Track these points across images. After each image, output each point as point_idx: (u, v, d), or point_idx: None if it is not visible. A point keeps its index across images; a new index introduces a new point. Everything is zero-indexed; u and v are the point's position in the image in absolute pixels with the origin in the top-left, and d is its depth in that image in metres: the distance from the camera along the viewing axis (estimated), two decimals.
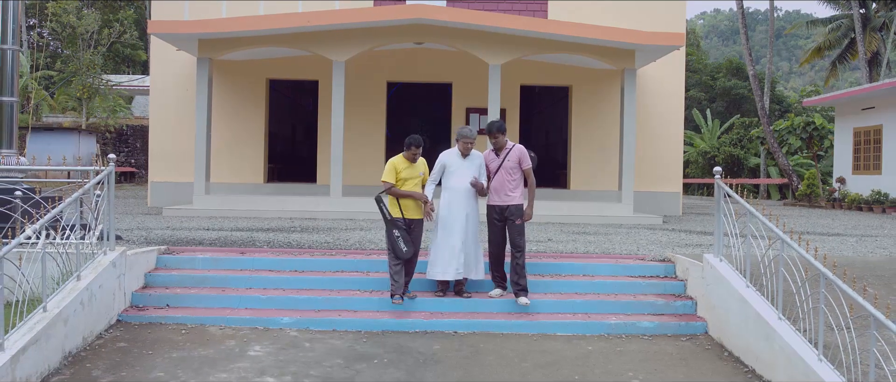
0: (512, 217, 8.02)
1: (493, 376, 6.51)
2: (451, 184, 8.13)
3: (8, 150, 9.41)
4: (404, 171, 8.02)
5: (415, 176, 8.07)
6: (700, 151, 38.33)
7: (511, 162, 8.07)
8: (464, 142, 8.12)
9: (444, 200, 8.12)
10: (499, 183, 8.09)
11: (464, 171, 8.11)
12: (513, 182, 8.06)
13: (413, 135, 8.08)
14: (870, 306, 5.17)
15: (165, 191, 17.94)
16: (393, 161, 8.10)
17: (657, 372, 6.71)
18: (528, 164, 8.11)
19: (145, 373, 6.33)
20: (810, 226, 15.16)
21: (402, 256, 7.84)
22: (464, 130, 8.15)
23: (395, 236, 7.84)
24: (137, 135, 31.94)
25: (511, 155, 8.09)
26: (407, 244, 7.83)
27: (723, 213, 7.89)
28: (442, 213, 8.09)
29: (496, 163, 8.14)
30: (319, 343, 7.28)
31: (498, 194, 8.10)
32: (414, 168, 8.10)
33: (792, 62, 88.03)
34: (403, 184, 8.01)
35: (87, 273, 7.19)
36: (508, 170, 8.07)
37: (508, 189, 8.05)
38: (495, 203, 8.13)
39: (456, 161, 8.17)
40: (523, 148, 8.17)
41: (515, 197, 8.05)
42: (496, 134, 8.14)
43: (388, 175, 8.01)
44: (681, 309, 8.30)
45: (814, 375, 5.67)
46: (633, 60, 15.59)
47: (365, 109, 18.35)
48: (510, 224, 8.04)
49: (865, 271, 8.53)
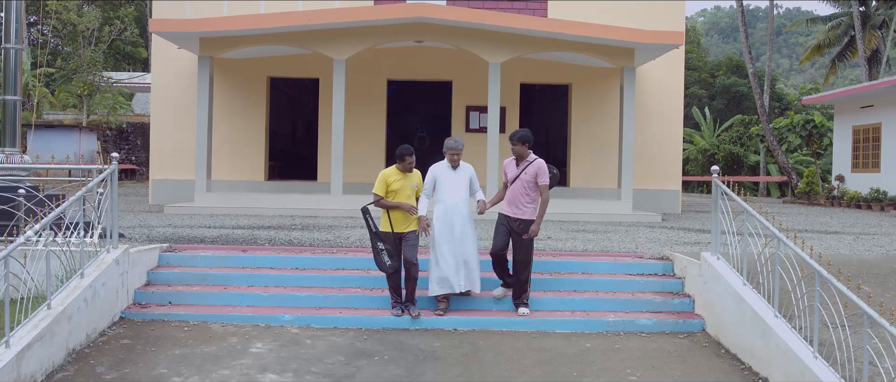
0: (519, 231, 7.90)
1: (493, 372, 6.59)
2: (443, 198, 8.00)
3: (11, 149, 9.48)
4: (396, 183, 7.83)
5: (407, 188, 7.88)
6: (700, 149, 38.40)
7: (528, 175, 7.90)
8: (451, 154, 8.00)
9: (437, 215, 7.99)
10: (513, 194, 7.97)
11: (455, 184, 8.01)
12: (527, 196, 7.92)
13: (403, 146, 7.94)
14: (864, 304, 5.25)
15: (167, 189, 18.01)
16: (384, 172, 7.93)
17: (655, 369, 6.78)
18: (544, 181, 7.93)
19: (149, 370, 6.40)
20: (808, 224, 15.23)
21: (385, 270, 7.76)
22: (450, 142, 8.04)
23: (379, 249, 7.72)
24: (138, 132, 32.02)
25: (530, 168, 7.92)
26: (391, 257, 7.71)
27: (720, 212, 7.96)
28: (437, 228, 7.93)
29: (514, 173, 8.01)
30: (320, 341, 7.35)
31: (511, 205, 7.99)
32: (407, 179, 7.92)
33: (792, 59, 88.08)
34: (394, 195, 7.82)
35: (90, 270, 7.26)
36: (525, 183, 7.90)
37: (522, 202, 7.92)
38: (507, 213, 8.02)
39: (446, 173, 8.04)
40: (544, 163, 7.99)
41: (527, 211, 7.92)
42: (517, 143, 7.97)
43: (377, 187, 7.87)
44: (679, 306, 8.37)
45: (809, 372, 5.74)
46: (632, 59, 15.65)
47: (365, 107, 18.41)
48: (516, 238, 7.93)
49: (861, 269, 8.60)
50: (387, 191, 7.82)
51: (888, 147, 21.33)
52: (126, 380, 6.16)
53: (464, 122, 18.73)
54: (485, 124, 17.24)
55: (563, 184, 19.17)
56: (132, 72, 40.21)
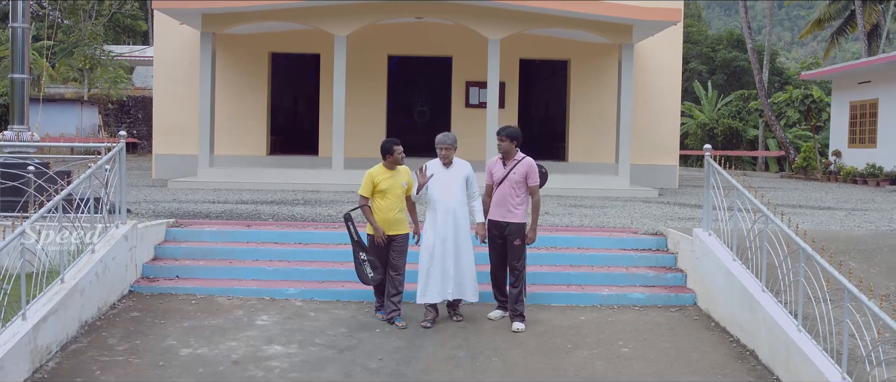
0: (511, 236, 7.28)
1: (490, 343, 6.85)
2: (435, 201, 7.29)
3: (20, 126, 9.68)
4: (384, 182, 7.25)
5: (396, 187, 7.29)
6: (699, 123, 38.48)
7: (517, 175, 7.27)
8: (441, 149, 7.32)
9: (429, 223, 7.33)
10: (501, 196, 7.31)
11: (448, 183, 7.28)
12: (517, 197, 7.28)
13: (388, 139, 7.39)
14: (844, 280, 5.48)
15: (170, 164, 18.20)
16: (370, 172, 7.36)
17: (646, 341, 7.04)
18: (535, 181, 7.34)
19: (159, 341, 6.66)
20: (803, 199, 15.45)
21: (368, 282, 7.32)
22: (440, 137, 7.35)
23: (361, 260, 7.23)
24: (139, 106, 32.12)
25: (518, 168, 7.28)
26: (375, 269, 7.21)
27: (712, 188, 8.17)
28: (429, 232, 7.30)
29: (501, 173, 7.35)
30: (323, 313, 7.61)
31: (499, 208, 7.33)
32: (395, 177, 7.33)
33: (794, 32, 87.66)
34: (383, 196, 7.25)
35: (100, 246, 7.49)
36: (513, 183, 7.27)
37: (512, 204, 7.27)
38: (496, 218, 7.35)
39: (438, 172, 7.33)
40: (533, 162, 7.38)
41: (518, 214, 7.28)
42: (505, 139, 7.35)
43: (363, 187, 7.30)
44: (671, 280, 8.62)
45: (792, 344, 5.99)
46: (630, 35, 15.78)
47: (366, 83, 18.54)
48: (509, 244, 7.32)
49: (849, 245, 8.83)
50: (374, 191, 7.29)
51: (885, 122, 21.50)
52: (137, 351, 6.42)
53: (463, 98, 18.88)
54: (484, 99, 17.38)
55: (563, 158, 19.38)
56: (132, 45, 40.22)
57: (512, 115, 18.38)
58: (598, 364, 6.43)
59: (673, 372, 6.30)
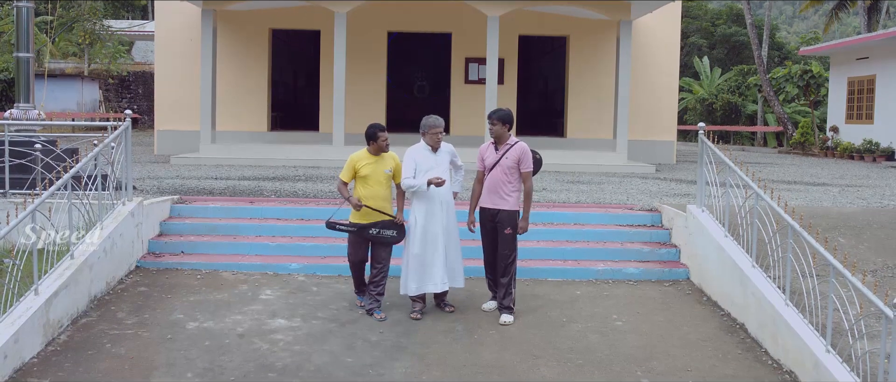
0: (502, 224, 7.00)
1: (487, 317, 7.05)
2: (424, 188, 6.95)
3: (26, 104, 9.82)
4: (365, 168, 6.91)
5: (378, 173, 6.94)
6: (698, 98, 38.54)
7: (509, 160, 6.97)
8: (431, 133, 7.00)
9: (415, 206, 7.05)
10: (493, 182, 7.03)
11: (436, 169, 6.97)
12: (509, 184, 6.99)
13: (373, 124, 7.01)
14: (829, 256, 5.67)
15: (172, 140, 18.36)
16: (353, 156, 7.04)
17: (639, 315, 7.25)
18: (527, 167, 7.02)
19: (166, 315, 6.87)
20: (799, 175, 15.62)
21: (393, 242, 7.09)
22: (430, 120, 7.04)
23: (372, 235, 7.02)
24: (139, 81, 32.16)
25: (510, 153, 6.98)
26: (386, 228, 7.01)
27: (705, 165, 8.34)
28: (419, 228, 6.99)
29: (493, 158, 7.06)
30: (325, 288, 7.82)
31: (491, 195, 7.04)
32: (379, 163, 6.97)
33: (796, 5, 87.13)
34: (364, 182, 6.93)
35: (108, 222, 7.67)
36: (506, 169, 6.97)
37: (504, 191, 6.98)
38: (487, 205, 7.08)
39: (426, 157, 7.00)
40: (526, 147, 7.07)
41: (510, 201, 6.99)
42: (497, 122, 7.02)
43: (344, 171, 7.01)
44: (665, 256, 8.82)
45: (780, 318, 6.20)
46: (628, 12, 15.86)
47: (366, 59, 18.63)
48: (500, 233, 7.03)
49: (840, 221, 9.01)
50: (355, 176, 7.00)
51: (882, 99, 21.61)
52: (146, 324, 6.63)
53: (463, 74, 18.98)
54: (483, 76, 17.48)
55: (561, 134, 19.52)
56: (131, 19, 40.14)
57: (511, 91, 18.51)
58: (593, 337, 6.64)
59: (665, 345, 6.50)
